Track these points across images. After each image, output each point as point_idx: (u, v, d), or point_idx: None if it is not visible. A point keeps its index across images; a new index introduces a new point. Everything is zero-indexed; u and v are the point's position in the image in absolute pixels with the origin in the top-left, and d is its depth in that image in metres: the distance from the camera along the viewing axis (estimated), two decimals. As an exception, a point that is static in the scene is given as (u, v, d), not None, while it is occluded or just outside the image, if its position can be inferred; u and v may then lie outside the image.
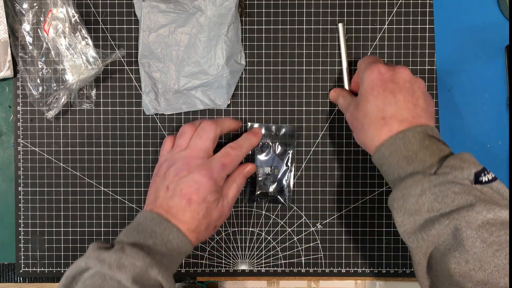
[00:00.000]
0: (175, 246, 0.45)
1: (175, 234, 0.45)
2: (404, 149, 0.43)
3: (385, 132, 0.44)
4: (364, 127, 0.45)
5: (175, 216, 0.46)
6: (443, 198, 0.39)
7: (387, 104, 0.44)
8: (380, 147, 0.44)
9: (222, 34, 0.52)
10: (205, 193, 0.46)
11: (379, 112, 0.44)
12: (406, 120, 0.44)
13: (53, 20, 0.52)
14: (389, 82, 0.45)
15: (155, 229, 0.45)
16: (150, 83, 0.55)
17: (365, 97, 0.45)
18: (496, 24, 0.56)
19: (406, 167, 0.43)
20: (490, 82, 0.56)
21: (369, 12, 0.56)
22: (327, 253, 0.57)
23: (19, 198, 0.56)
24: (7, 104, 0.57)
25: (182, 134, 0.50)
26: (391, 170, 0.44)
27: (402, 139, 0.43)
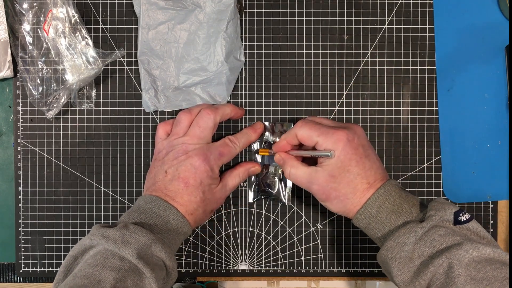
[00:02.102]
0: (174, 227, 0.46)
1: (174, 215, 0.46)
2: (389, 204, 0.45)
3: (370, 193, 0.45)
4: (348, 196, 0.45)
5: (174, 199, 0.47)
6: (432, 242, 0.41)
7: (367, 169, 0.45)
8: (365, 207, 0.45)
9: (221, 31, 0.52)
10: (202, 177, 0.48)
11: (363, 179, 0.45)
12: (383, 177, 0.46)
13: (53, 20, 0.52)
14: (359, 146, 0.46)
15: (155, 210, 0.46)
16: (149, 80, 0.55)
17: (343, 168, 0.45)
18: (496, 24, 0.56)
19: (396, 220, 0.44)
20: (490, 82, 0.56)
21: (369, 12, 0.56)
22: (327, 253, 0.57)
23: (19, 198, 0.56)
24: (7, 104, 0.57)
25: (179, 122, 0.51)
26: (381, 226, 0.45)
27: (384, 194, 0.45)
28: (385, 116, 0.56)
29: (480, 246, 0.40)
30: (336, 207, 0.47)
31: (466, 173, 0.56)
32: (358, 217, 0.46)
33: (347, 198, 0.46)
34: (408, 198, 0.45)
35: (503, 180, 0.56)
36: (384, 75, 0.56)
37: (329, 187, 0.46)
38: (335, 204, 0.47)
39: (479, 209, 0.56)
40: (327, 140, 0.46)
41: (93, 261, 0.41)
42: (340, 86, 0.56)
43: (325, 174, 0.46)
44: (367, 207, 0.45)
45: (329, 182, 0.46)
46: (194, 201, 0.48)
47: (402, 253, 0.42)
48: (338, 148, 0.45)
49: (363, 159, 0.45)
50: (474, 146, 0.56)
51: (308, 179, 0.48)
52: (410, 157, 0.56)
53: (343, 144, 0.45)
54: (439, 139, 0.56)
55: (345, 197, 0.46)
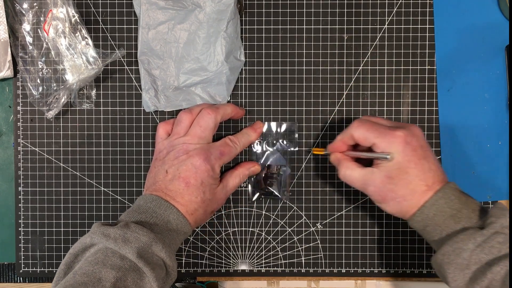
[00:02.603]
0: (175, 227, 0.46)
1: (175, 215, 0.46)
2: (448, 208, 0.44)
3: (429, 195, 0.44)
4: (406, 198, 0.45)
5: (174, 199, 0.47)
6: (490, 249, 0.41)
7: (426, 171, 0.44)
8: (423, 209, 0.44)
9: (221, 31, 0.52)
10: (202, 176, 0.48)
11: (421, 181, 0.44)
12: (443, 180, 0.45)
13: (53, 20, 0.52)
14: (418, 148, 0.45)
15: (156, 210, 0.46)
16: (149, 80, 0.55)
17: (402, 170, 0.44)
18: (496, 24, 0.56)
19: (455, 225, 0.43)
20: (490, 82, 0.56)
21: (369, 12, 0.56)
22: (327, 253, 0.57)
23: (19, 198, 0.56)
24: (7, 104, 0.57)
25: (179, 122, 0.51)
26: (438, 230, 0.44)
27: (443, 198, 0.44)
28: (385, 116, 0.56)
29: None
30: (393, 209, 0.46)
31: (466, 173, 0.56)
32: (415, 219, 0.45)
33: (404, 200, 0.45)
34: (468, 203, 0.44)
35: (503, 180, 0.56)
36: (384, 75, 0.56)
37: (386, 189, 0.45)
38: (391, 205, 0.46)
39: (479, 209, 0.56)
40: (384, 141, 0.45)
41: (94, 259, 0.41)
42: (340, 86, 0.56)
43: (381, 176, 0.45)
44: (424, 209, 0.44)
45: (386, 184, 0.45)
46: (194, 201, 0.48)
47: (459, 259, 0.41)
48: (397, 150, 0.44)
49: (422, 161, 0.44)
50: (474, 146, 0.56)
51: (363, 181, 0.47)
52: (410, 157, 0.56)
53: (402, 146, 0.44)
54: (439, 139, 0.56)
55: (403, 198, 0.45)
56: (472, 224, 0.43)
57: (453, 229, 0.43)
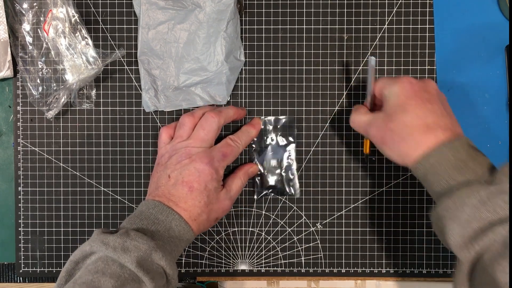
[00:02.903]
0: (177, 234, 0.45)
1: (177, 221, 0.46)
2: (453, 158, 0.41)
3: (431, 140, 0.42)
4: (404, 138, 0.43)
5: (177, 204, 0.46)
6: (495, 208, 0.38)
7: (428, 112, 0.43)
8: (426, 156, 0.42)
9: (221, 31, 0.52)
10: (206, 180, 0.47)
11: (421, 120, 0.43)
12: (449, 129, 0.43)
13: (53, 20, 0.52)
14: (423, 91, 0.44)
15: (158, 216, 0.45)
16: (149, 80, 0.55)
17: (401, 107, 0.44)
18: (496, 24, 0.56)
19: (457, 176, 0.41)
20: (490, 82, 0.56)
21: (369, 12, 0.56)
22: (327, 253, 0.57)
23: (19, 198, 0.56)
24: (7, 104, 0.57)
25: (182, 125, 0.50)
26: (438, 179, 0.42)
27: (450, 148, 0.42)
28: (385, 116, 0.56)
29: None
30: (393, 152, 0.45)
31: (466, 173, 0.56)
32: (418, 166, 0.43)
33: (402, 139, 0.43)
34: (477, 157, 0.42)
35: (503, 180, 0.56)
36: (384, 75, 0.56)
37: (385, 128, 0.44)
38: (391, 147, 0.44)
39: (479, 209, 0.56)
40: (388, 82, 0.46)
41: (94, 268, 0.41)
42: (340, 86, 0.56)
43: (383, 116, 0.45)
44: (428, 156, 0.42)
45: (386, 122, 0.44)
46: (198, 205, 0.47)
47: (461, 214, 0.39)
48: (399, 88, 0.44)
49: (425, 102, 0.43)
50: (474, 146, 0.56)
51: (368, 122, 0.47)
52: (410, 157, 0.56)
53: (404, 84, 0.44)
54: (439, 139, 0.56)
55: (401, 138, 0.43)
56: (478, 178, 0.40)
57: (457, 181, 0.41)
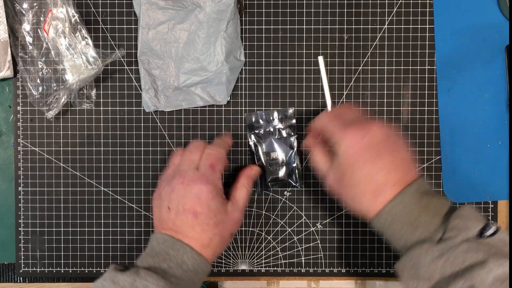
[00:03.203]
0: (190, 267, 0.44)
1: (189, 254, 0.44)
2: (406, 215, 0.41)
3: (381, 200, 0.42)
4: (357, 198, 0.43)
5: (186, 235, 0.44)
6: (454, 259, 0.38)
7: (375, 173, 0.42)
8: (380, 216, 0.42)
9: (221, 31, 0.52)
10: (208, 200, 0.45)
11: (370, 183, 0.42)
12: (398, 182, 0.42)
13: (53, 20, 0.52)
14: (368, 148, 0.42)
15: (168, 251, 0.44)
16: (149, 80, 0.55)
17: (349, 169, 0.43)
18: (496, 24, 0.56)
19: (411, 234, 0.41)
20: (490, 82, 0.56)
21: (369, 12, 0.56)
22: (327, 253, 0.57)
23: (19, 198, 0.56)
24: (7, 104, 0.57)
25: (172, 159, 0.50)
26: (396, 237, 0.42)
27: (401, 203, 0.41)
28: (385, 116, 0.56)
29: (505, 262, 0.37)
30: (351, 208, 0.45)
31: (466, 173, 0.56)
32: (375, 224, 0.43)
33: (355, 200, 0.43)
34: (429, 207, 0.41)
35: (503, 180, 0.56)
36: (384, 75, 0.56)
37: (340, 183, 0.44)
38: (347, 204, 0.45)
39: (479, 209, 0.56)
40: (335, 138, 0.44)
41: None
42: (340, 86, 0.56)
43: (336, 173, 0.44)
44: (381, 216, 0.42)
45: (339, 182, 0.44)
46: (207, 229, 0.45)
47: (420, 272, 0.39)
48: (345, 148, 0.43)
49: (372, 160, 0.42)
50: (474, 146, 0.56)
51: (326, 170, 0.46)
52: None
53: (351, 141, 0.42)
54: (439, 139, 0.56)
55: (354, 198, 0.43)
56: (430, 233, 0.41)
57: (411, 239, 0.41)
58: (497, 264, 0.37)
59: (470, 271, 0.37)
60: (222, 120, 0.56)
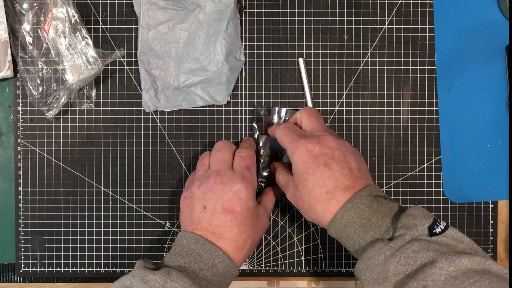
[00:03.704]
0: (221, 271, 0.43)
1: (221, 258, 0.43)
2: (358, 218, 0.42)
3: (334, 205, 0.43)
4: (311, 205, 0.44)
5: (222, 235, 0.44)
6: (406, 259, 0.39)
7: (326, 178, 0.43)
8: (334, 221, 0.43)
9: (221, 31, 0.52)
10: (247, 199, 0.45)
11: (321, 188, 0.43)
12: (348, 188, 0.43)
13: (53, 20, 0.52)
14: (319, 156, 0.44)
15: (200, 253, 0.43)
16: (149, 80, 0.55)
17: (302, 177, 0.44)
18: (496, 24, 0.56)
19: (364, 236, 0.42)
20: (490, 82, 0.56)
21: (369, 12, 0.56)
22: (327, 253, 0.57)
23: (19, 198, 0.56)
24: (7, 104, 0.57)
25: (201, 159, 0.51)
26: (351, 241, 0.43)
27: (352, 208, 0.42)
28: (385, 116, 0.56)
29: (456, 259, 0.37)
30: (307, 217, 0.46)
31: (466, 173, 0.56)
32: (330, 230, 0.44)
33: (310, 207, 0.44)
34: (380, 209, 0.43)
35: (503, 180, 0.56)
36: (384, 75, 0.56)
37: (295, 196, 0.46)
38: (304, 213, 0.46)
39: (479, 209, 0.56)
40: (290, 148, 0.46)
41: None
42: (340, 86, 0.56)
43: (292, 183, 0.46)
44: (335, 221, 0.43)
45: (295, 191, 0.46)
46: (244, 230, 0.45)
47: (374, 274, 0.40)
48: (298, 157, 0.45)
49: (321, 168, 0.43)
50: (474, 146, 0.56)
51: (284, 185, 0.48)
52: (410, 157, 0.56)
53: (301, 152, 0.44)
54: (439, 139, 0.56)
55: (309, 206, 0.44)
56: (382, 233, 0.42)
57: (364, 241, 0.42)
58: (447, 262, 0.37)
59: (421, 271, 0.38)
60: (222, 120, 0.56)
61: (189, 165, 0.56)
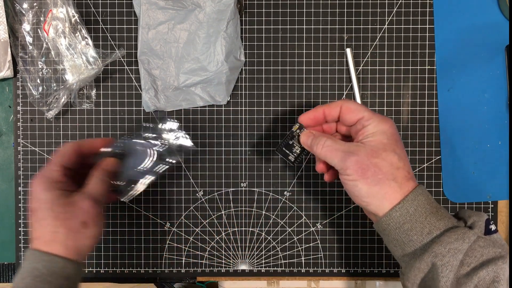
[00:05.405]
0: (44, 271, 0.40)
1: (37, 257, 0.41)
2: (428, 205, 0.41)
3: (410, 186, 0.41)
4: (389, 177, 0.40)
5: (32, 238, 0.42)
6: (472, 252, 0.38)
7: (405, 159, 0.42)
8: (403, 203, 0.40)
9: (221, 31, 0.52)
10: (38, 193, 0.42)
11: (406, 166, 0.41)
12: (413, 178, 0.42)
13: (53, 20, 0.52)
14: (399, 139, 0.43)
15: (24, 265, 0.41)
16: (149, 80, 0.55)
17: (390, 147, 0.41)
18: (496, 24, 0.56)
19: (437, 223, 0.40)
20: (490, 82, 0.56)
21: (369, 12, 0.56)
22: (327, 253, 0.57)
23: (19, 198, 0.56)
24: (7, 104, 0.57)
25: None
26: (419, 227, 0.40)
27: (422, 194, 0.41)
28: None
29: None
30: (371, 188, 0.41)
31: (466, 173, 0.56)
32: (393, 215, 0.40)
33: (386, 178, 0.40)
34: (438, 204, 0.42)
35: (503, 180, 0.56)
36: (384, 75, 0.56)
37: (370, 162, 0.40)
38: (370, 182, 0.40)
39: (479, 209, 0.56)
40: (375, 116, 0.42)
41: None
42: (340, 86, 0.56)
43: (368, 149, 0.41)
44: (405, 204, 0.40)
45: (371, 157, 0.41)
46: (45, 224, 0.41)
47: (454, 260, 0.38)
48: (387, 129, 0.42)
49: (404, 151, 0.42)
50: (474, 146, 0.56)
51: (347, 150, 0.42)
52: (410, 157, 0.56)
53: (391, 125, 0.42)
54: (439, 139, 0.56)
55: (385, 177, 0.40)
56: (454, 223, 0.40)
57: (437, 227, 0.40)
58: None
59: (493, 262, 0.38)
60: (222, 120, 0.56)
61: (189, 165, 0.56)
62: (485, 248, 0.39)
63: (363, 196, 0.41)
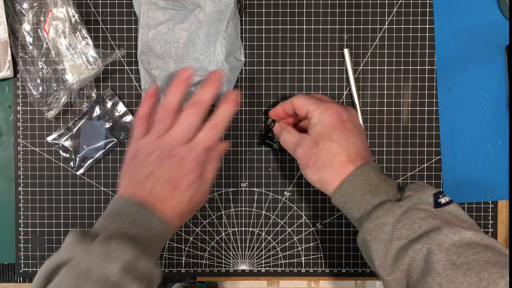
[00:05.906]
0: (158, 234, 0.43)
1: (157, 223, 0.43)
2: (366, 183, 0.44)
3: (349, 169, 0.45)
4: (326, 165, 0.45)
5: (160, 202, 0.43)
6: (411, 224, 0.41)
7: (350, 143, 0.45)
8: (342, 185, 0.45)
9: (221, 31, 0.52)
10: (191, 179, 0.44)
11: (344, 151, 0.45)
12: (365, 158, 0.46)
13: (53, 20, 0.52)
14: (348, 122, 0.46)
15: (137, 219, 0.42)
16: (149, 80, 0.55)
17: (326, 135, 0.46)
18: (496, 24, 0.56)
19: (372, 199, 0.44)
20: (490, 82, 0.56)
21: (369, 12, 0.56)
22: (327, 253, 0.57)
23: (19, 198, 0.56)
24: (7, 104, 0.57)
25: (160, 120, 0.46)
26: (357, 205, 0.44)
27: (362, 174, 0.44)
28: (385, 116, 0.56)
29: (461, 230, 0.39)
30: (314, 176, 0.46)
31: (466, 173, 0.56)
32: (336, 195, 0.45)
33: (325, 166, 0.45)
34: (387, 180, 0.45)
35: (503, 180, 0.56)
36: (384, 75, 0.56)
37: (310, 152, 0.46)
38: (313, 171, 0.46)
39: (479, 209, 0.56)
40: (318, 109, 0.47)
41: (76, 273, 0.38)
42: (340, 86, 0.56)
43: (310, 139, 0.46)
44: (344, 185, 0.45)
45: (312, 147, 0.46)
46: (180, 205, 0.44)
47: (381, 234, 0.41)
48: (326, 116, 0.46)
49: (348, 132, 0.46)
50: (474, 146, 0.56)
51: (296, 143, 0.48)
52: (410, 157, 0.56)
53: (332, 115, 0.46)
54: (439, 139, 0.56)
55: (323, 165, 0.45)
56: (390, 197, 0.43)
57: (372, 204, 0.43)
58: (452, 231, 0.39)
59: (427, 235, 0.39)
60: (222, 120, 0.56)
61: (189, 165, 0.56)
62: (424, 220, 0.40)
63: (313, 182, 0.47)
